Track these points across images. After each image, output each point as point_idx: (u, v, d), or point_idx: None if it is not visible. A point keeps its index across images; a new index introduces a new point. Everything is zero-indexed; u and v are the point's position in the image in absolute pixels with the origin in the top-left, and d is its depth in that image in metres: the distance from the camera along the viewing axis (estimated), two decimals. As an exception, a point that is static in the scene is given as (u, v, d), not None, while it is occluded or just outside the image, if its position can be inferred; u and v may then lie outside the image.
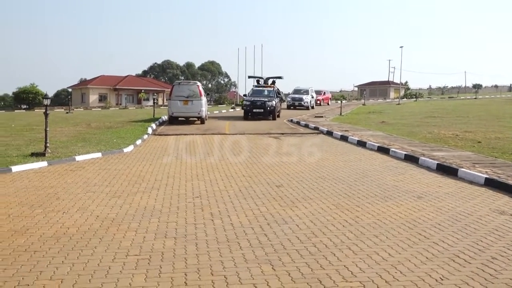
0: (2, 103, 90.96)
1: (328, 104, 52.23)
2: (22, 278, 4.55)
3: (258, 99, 28.29)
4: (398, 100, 61.16)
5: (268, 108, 27.45)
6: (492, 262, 5.14)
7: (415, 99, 73.09)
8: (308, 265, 4.98)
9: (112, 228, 6.28)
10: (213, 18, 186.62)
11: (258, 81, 35.10)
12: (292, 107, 40.86)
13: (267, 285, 4.46)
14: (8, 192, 8.49)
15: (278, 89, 32.22)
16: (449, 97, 79.54)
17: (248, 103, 28.45)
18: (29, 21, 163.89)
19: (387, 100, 75.52)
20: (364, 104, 52.72)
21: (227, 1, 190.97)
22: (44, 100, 12.66)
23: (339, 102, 40.72)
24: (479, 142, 15.98)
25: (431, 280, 4.62)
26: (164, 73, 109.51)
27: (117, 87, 74.39)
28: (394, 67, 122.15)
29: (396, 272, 4.82)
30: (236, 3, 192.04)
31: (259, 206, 7.58)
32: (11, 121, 26.39)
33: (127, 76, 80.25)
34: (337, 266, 4.96)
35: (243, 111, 29.62)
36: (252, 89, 31.10)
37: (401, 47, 61.75)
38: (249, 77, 42.86)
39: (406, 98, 79.14)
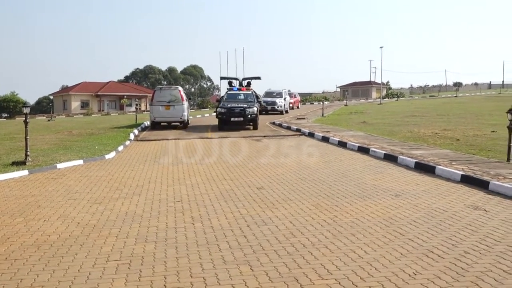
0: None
1: (298, 107, 48.33)
2: (3, 286, 4.59)
3: (236, 105, 22.94)
4: (379, 100, 61.65)
5: (249, 116, 22.52)
6: (464, 257, 5.30)
7: (396, 98, 73.77)
8: (286, 265, 5.09)
9: (93, 235, 6.33)
10: (194, 22, 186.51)
11: (230, 83, 27.53)
12: (263, 112, 33.33)
13: (245, 285, 4.56)
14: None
15: (255, 92, 26.74)
16: (430, 96, 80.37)
17: (223, 110, 22.80)
18: (9, 27, 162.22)
19: (369, 100, 76.14)
20: (346, 105, 53.09)
21: (209, 3, 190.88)
22: (24, 108, 12.61)
23: (321, 103, 40.93)
24: (458, 139, 16.29)
25: (404, 275, 4.76)
26: (146, 78, 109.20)
27: (99, 93, 73.91)
28: (376, 67, 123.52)
29: (371, 269, 4.95)
30: (218, 6, 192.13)
31: (240, 209, 7.68)
32: (-9, 130, 26.08)
33: (109, 82, 79.76)
34: (314, 265, 5.08)
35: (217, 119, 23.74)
36: (227, 93, 25.40)
37: (381, 47, 62.63)
38: (222, 78, 38.43)
39: (388, 98, 79.83)
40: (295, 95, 49.15)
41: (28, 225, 6.84)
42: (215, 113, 26.91)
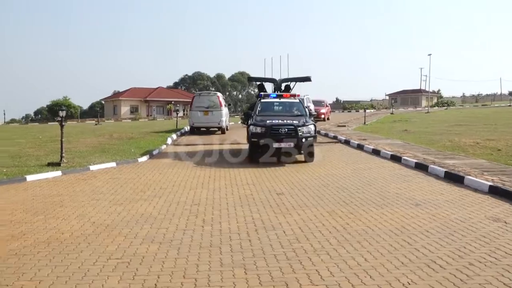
0: (39, 116, 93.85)
1: (328, 118, 38.83)
2: (4, 279, 4.80)
3: (281, 121, 14.18)
4: (427, 108, 60.26)
5: (303, 141, 13.77)
6: (468, 268, 5.13)
7: (446, 107, 71.87)
8: (281, 269, 5.08)
9: (104, 234, 6.51)
10: (242, 28, 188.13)
11: (261, 87, 19.06)
12: None
13: (234, 287, 4.59)
14: (17, 200, 8.85)
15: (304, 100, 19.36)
16: (482, 105, 77.87)
17: (260, 130, 14.03)
18: (63, 32, 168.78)
19: (418, 108, 74.51)
20: (392, 113, 52.16)
21: (257, 11, 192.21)
22: (60, 112, 13.10)
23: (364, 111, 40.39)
24: (499, 150, 15.70)
25: (397, 285, 4.66)
26: (195, 84, 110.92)
27: (147, 98, 75.74)
28: (426, 75, 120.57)
29: (365, 277, 4.87)
30: (265, 13, 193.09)
31: (253, 213, 7.71)
32: (40, 133, 27.19)
33: (158, 88, 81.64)
34: (309, 271, 5.04)
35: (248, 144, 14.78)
36: (260, 102, 16.12)
37: (429, 55, 61.72)
38: (250, 79, 25.10)
39: (438, 106, 77.88)
40: (326, 104, 41.10)
41: (46, 223, 7.11)
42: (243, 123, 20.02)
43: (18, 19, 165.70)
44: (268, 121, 14.02)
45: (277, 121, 14.05)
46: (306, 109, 15.92)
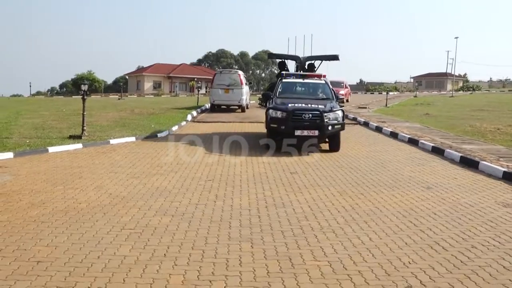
0: (64, 89, 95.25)
1: (348, 100, 36.53)
2: (22, 244, 5.08)
3: (304, 105, 12.45)
4: (451, 92, 59.37)
5: (330, 128, 12.12)
6: (470, 251, 5.23)
7: (471, 92, 70.68)
8: (286, 245, 5.25)
9: (119, 205, 6.76)
10: (267, 6, 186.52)
11: (283, 65, 17.42)
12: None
13: (239, 260, 4.78)
14: (39, 170, 9.16)
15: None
16: (509, 90, 76.22)
17: (281, 114, 12.26)
18: (89, 9, 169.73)
19: (442, 92, 73.34)
20: (415, 96, 51.52)
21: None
22: (82, 86, 13.37)
23: (389, 93, 40.03)
24: (520, 136, 15.54)
25: (398, 263, 4.79)
26: (218, 62, 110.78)
27: (170, 75, 76.07)
28: (453, 59, 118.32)
29: (368, 255, 5.02)
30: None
31: (265, 191, 7.88)
32: (64, 106, 27.69)
33: (181, 64, 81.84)
34: (313, 247, 5.20)
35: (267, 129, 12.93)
36: (281, 82, 14.40)
37: (456, 37, 60.47)
38: (270, 56, 20.85)
39: (463, 90, 76.61)
40: (345, 85, 38.40)
41: (65, 193, 7.38)
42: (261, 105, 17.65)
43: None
44: (290, 105, 12.19)
45: (300, 105, 12.22)
46: (333, 92, 13.92)
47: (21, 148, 11.28)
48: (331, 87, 14.20)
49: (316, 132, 11.84)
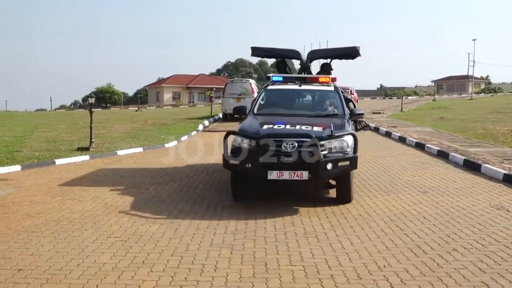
0: (87, 102, 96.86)
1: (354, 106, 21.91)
2: (9, 253, 5.25)
3: (289, 126, 7.59)
4: (471, 95, 58.64)
5: (330, 167, 7.09)
6: (449, 253, 5.22)
7: (492, 94, 69.65)
8: (266, 250, 5.32)
9: (111, 214, 6.90)
10: (283, 15, 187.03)
11: (284, 67, 11.65)
12: None
13: (215, 266, 4.86)
14: (42, 182, 9.39)
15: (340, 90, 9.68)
16: (532, 92, 74.94)
17: (248, 143, 7.32)
18: (110, 23, 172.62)
19: (463, 95, 72.44)
20: (434, 100, 51.07)
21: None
22: (89, 99, 13.67)
23: (408, 98, 39.63)
24: (532, 138, 15.32)
25: (373, 267, 4.82)
26: (237, 71, 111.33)
27: (189, 85, 76.79)
28: (474, 61, 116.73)
29: (345, 259, 5.05)
30: (307, 1, 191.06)
31: (257, 198, 7.94)
32: (81, 119, 28.19)
33: (200, 74, 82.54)
34: (292, 252, 5.26)
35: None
36: (265, 90, 9.67)
37: (474, 40, 59.68)
38: (254, 51, 11.53)
39: (484, 93, 75.54)
40: (351, 91, 33.00)
41: (62, 204, 7.57)
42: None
43: (62, 14, 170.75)
44: (265, 127, 7.55)
45: (282, 126, 7.54)
46: (347, 105, 9.24)
47: (30, 160, 11.56)
48: (342, 96, 9.27)
49: (305, 174, 6.89)
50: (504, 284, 4.38)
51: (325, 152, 7.10)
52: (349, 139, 7.44)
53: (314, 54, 11.44)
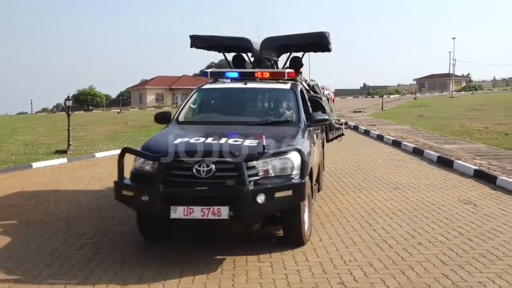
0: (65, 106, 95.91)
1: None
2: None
3: (212, 139, 5.36)
4: (451, 93, 59.40)
5: (261, 199, 4.84)
6: (414, 247, 5.35)
7: (472, 92, 70.59)
8: (221, 251, 5.31)
9: (85, 216, 6.93)
10: (269, 16, 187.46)
11: (240, 62, 8.71)
12: None
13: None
14: (17, 186, 9.36)
15: (311, 84, 8.91)
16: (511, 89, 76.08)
17: (151, 166, 5.26)
18: (92, 24, 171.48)
19: (444, 93, 73.27)
20: (415, 98, 51.59)
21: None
22: (66, 101, 13.66)
23: (390, 96, 40.06)
24: (507, 134, 15.58)
25: (339, 262, 4.94)
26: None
27: (172, 87, 76.58)
28: (455, 59, 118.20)
29: (312, 255, 5.16)
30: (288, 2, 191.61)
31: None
32: (61, 122, 27.98)
33: (183, 76, 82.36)
34: (254, 251, 5.30)
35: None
36: (198, 91, 7.35)
37: (453, 38, 60.95)
38: (193, 41, 8.76)
39: (465, 91, 76.51)
40: (326, 88, 28.50)
41: (36, 207, 7.58)
42: None
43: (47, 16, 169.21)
44: (179, 140, 5.44)
45: (203, 139, 5.46)
46: (315, 107, 7.58)
47: (6, 164, 11.51)
48: (303, 96, 7.14)
49: (224, 212, 4.83)
50: (463, 275, 4.51)
51: (257, 177, 4.96)
52: (294, 158, 5.13)
53: (271, 43, 8.63)
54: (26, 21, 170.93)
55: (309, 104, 7.17)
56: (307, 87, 8.18)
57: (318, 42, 8.57)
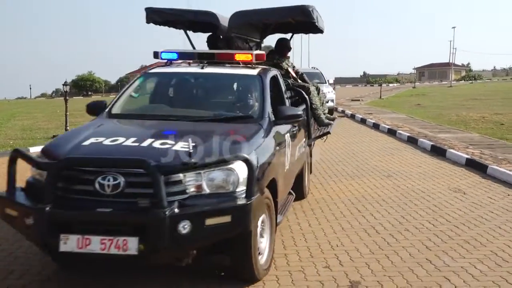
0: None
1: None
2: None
3: (128, 141, 4.00)
4: (450, 82, 59.43)
5: (187, 229, 3.42)
6: (401, 233, 5.48)
7: (471, 81, 70.61)
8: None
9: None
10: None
11: (214, 42, 7.14)
12: None
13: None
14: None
15: (299, 72, 7.53)
16: (511, 78, 76.12)
17: (39, 176, 3.94)
18: (95, 14, 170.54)
19: (443, 82, 73.30)
20: (414, 87, 51.65)
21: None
22: (63, 87, 13.71)
23: (389, 85, 40.15)
24: (502, 124, 15.69)
25: (326, 247, 5.06)
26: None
27: (172, 73, 76.43)
28: (456, 48, 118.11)
29: (300, 239, 5.29)
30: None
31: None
32: (60, 108, 28.03)
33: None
34: (251, 234, 5.45)
35: None
36: (144, 74, 6.07)
37: (453, 27, 60.41)
38: (149, 14, 7.02)
39: (464, 80, 76.51)
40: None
41: (32, 190, 7.67)
42: None
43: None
44: (90, 141, 4.09)
45: (122, 139, 4.04)
46: (296, 96, 6.80)
47: (3, 149, 11.60)
48: (282, 85, 6.14)
49: (132, 244, 3.41)
50: (446, 260, 4.64)
51: (184, 195, 3.61)
52: (239, 169, 3.74)
53: (241, 18, 6.88)
54: (26, 6, 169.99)
55: (286, 95, 6.07)
56: (295, 75, 7.20)
57: (303, 20, 6.92)
